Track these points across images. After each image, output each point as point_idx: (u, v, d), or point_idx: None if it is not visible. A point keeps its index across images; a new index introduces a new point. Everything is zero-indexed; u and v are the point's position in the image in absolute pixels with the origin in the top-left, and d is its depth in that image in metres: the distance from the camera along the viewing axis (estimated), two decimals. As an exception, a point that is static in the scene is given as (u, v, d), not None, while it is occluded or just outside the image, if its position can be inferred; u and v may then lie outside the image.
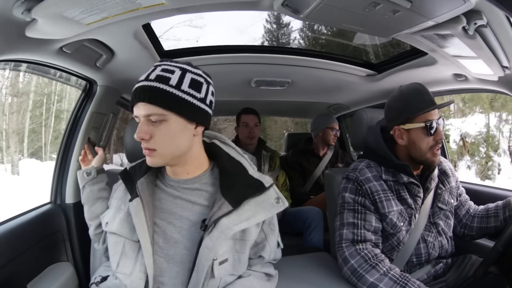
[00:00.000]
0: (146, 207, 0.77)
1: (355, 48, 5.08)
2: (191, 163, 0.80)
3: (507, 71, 1.05)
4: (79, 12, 0.79)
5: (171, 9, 0.89)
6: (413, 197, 1.03)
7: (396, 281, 0.89)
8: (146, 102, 0.70)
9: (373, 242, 1.00)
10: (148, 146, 0.72)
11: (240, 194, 0.75)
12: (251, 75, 1.64)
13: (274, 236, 0.86)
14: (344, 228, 1.02)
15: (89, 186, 0.99)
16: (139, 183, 0.80)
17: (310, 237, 1.66)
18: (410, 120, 0.99)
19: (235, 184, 0.77)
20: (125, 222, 0.80)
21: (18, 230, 1.04)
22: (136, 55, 1.20)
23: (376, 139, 1.08)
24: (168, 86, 0.71)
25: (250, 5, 0.95)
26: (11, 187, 5.57)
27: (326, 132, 2.13)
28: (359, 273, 0.94)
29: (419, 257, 1.04)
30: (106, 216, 0.87)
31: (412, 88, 1.01)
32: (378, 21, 0.91)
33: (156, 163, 0.75)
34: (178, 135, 0.73)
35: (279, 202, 0.78)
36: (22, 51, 0.92)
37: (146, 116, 0.71)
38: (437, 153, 1.00)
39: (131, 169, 0.87)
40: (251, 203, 0.75)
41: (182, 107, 0.72)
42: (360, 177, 1.04)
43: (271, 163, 2.00)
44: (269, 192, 0.78)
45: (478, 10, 0.80)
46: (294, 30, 10.86)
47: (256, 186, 0.78)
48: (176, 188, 0.80)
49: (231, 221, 0.72)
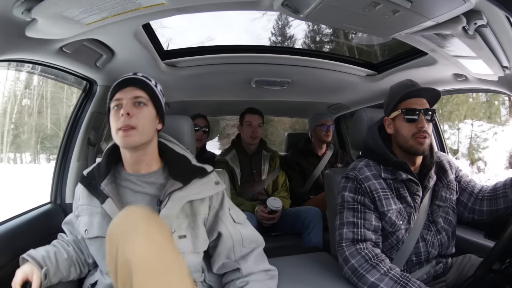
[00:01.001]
0: (119, 204, 0.84)
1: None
2: (150, 155, 0.91)
3: (507, 71, 1.05)
4: (79, 12, 0.79)
5: (171, 9, 0.89)
6: (412, 196, 1.04)
7: (397, 281, 0.89)
8: (136, 87, 0.87)
9: (373, 242, 1.00)
10: (130, 123, 0.83)
11: (188, 176, 0.89)
12: (251, 75, 1.64)
13: (226, 214, 0.94)
14: (344, 228, 1.02)
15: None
16: (103, 185, 0.87)
17: (309, 237, 1.65)
18: (394, 109, 1.07)
19: (183, 171, 0.90)
20: (104, 224, 0.85)
21: (18, 230, 1.04)
22: (136, 55, 1.20)
23: (374, 138, 1.10)
24: (151, 82, 0.92)
25: (250, 5, 0.95)
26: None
27: (317, 130, 2.14)
28: (359, 273, 0.94)
29: (419, 256, 1.04)
30: (81, 224, 0.90)
31: (400, 82, 1.12)
32: (378, 21, 0.91)
33: (132, 142, 0.84)
34: (150, 122, 0.88)
35: (218, 184, 0.93)
36: (22, 51, 0.92)
37: (134, 97, 0.86)
38: (421, 141, 1.01)
39: (89, 174, 0.94)
40: (197, 183, 0.89)
41: (157, 101, 0.91)
42: (359, 176, 1.05)
43: (271, 163, 2.01)
44: (211, 176, 0.93)
45: (478, 10, 0.81)
46: (299, 39, 10.93)
47: (200, 171, 0.92)
48: (135, 182, 0.89)
49: (182, 193, 0.85)
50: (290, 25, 11.22)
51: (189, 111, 2.21)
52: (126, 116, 0.83)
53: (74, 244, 0.95)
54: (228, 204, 0.96)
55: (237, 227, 0.94)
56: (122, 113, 0.83)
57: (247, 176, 1.93)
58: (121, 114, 0.83)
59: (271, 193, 1.95)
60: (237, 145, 2.00)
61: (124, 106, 0.85)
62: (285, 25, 11.38)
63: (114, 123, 0.85)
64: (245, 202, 1.80)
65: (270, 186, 1.98)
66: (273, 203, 1.69)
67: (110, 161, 0.93)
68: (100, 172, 0.90)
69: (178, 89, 1.77)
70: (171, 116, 1.06)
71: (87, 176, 0.94)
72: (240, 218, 0.97)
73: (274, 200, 1.71)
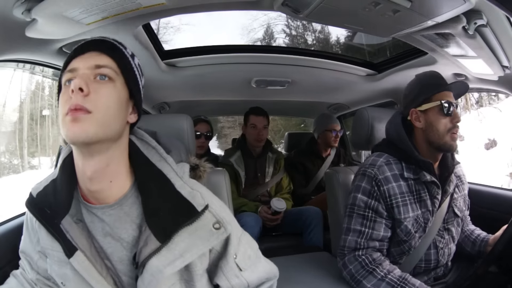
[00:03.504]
0: (92, 257, 0.59)
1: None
2: (116, 164, 0.59)
3: (507, 70, 1.05)
4: (79, 12, 0.79)
5: (171, 8, 0.89)
6: (432, 199, 0.98)
7: (394, 285, 0.88)
8: (100, 52, 0.58)
9: (376, 248, 0.97)
10: (84, 104, 0.52)
11: (167, 223, 0.58)
12: (251, 74, 1.64)
13: (230, 264, 0.64)
14: (350, 235, 0.98)
15: None
16: (66, 225, 0.59)
17: (310, 237, 1.66)
18: (426, 100, 0.97)
19: (159, 208, 0.59)
20: (80, 279, 0.60)
21: (18, 230, 1.04)
22: (136, 55, 1.20)
23: (398, 131, 1.00)
24: (125, 50, 0.62)
25: (250, 4, 0.95)
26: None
27: (325, 135, 2.09)
28: (356, 278, 0.93)
29: (428, 263, 1.00)
30: (53, 273, 0.64)
31: (428, 73, 1.02)
32: (378, 21, 0.91)
33: (83, 133, 0.52)
34: (117, 107, 0.57)
35: (219, 228, 0.59)
36: (22, 51, 0.92)
37: (96, 67, 0.56)
38: (455, 137, 0.95)
39: (41, 199, 0.62)
40: (183, 234, 0.57)
41: (132, 77, 0.61)
42: (379, 176, 0.96)
43: (276, 165, 1.97)
44: (204, 216, 0.58)
45: (478, 9, 0.81)
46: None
47: (186, 209, 0.58)
48: (101, 218, 0.60)
49: (162, 261, 0.56)
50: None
51: (189, 111, 2.20)
52: (77, 92, 0.53)
53: (38, 283, 0.69)
54: (234, 247, 0.64)
55: (244, 275, 0.66)
56: (72, 88, 0.53)
57: (251, 179, 1.90)
58: (71, 91, 0.53)
59: (274, 196, 1.92)
60: (242, 146, 1.94)
61: (77, 77, 0.54)
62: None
63: (62, 106, 0.54)
64: (248, 203, 1.78)
65: (273, 189, 1.96)
66: (277, 204, 1.67)
67: (72, 182, 0.61)
68: (58, 199, 0.60)
69: (178, 89, 1.76)
70: (169, 115, 1.05)
71: (38, 199, 0.62)
72: (248, 261, 0.67)
73: (278, 201, 1.69)
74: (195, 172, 0.74)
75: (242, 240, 0.67)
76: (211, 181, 1.07)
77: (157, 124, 1.02)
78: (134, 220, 0.61)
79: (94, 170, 0.57)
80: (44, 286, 0.69)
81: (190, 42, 9.69)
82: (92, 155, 0.56)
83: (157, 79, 1.50)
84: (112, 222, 0.60)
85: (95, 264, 0.59)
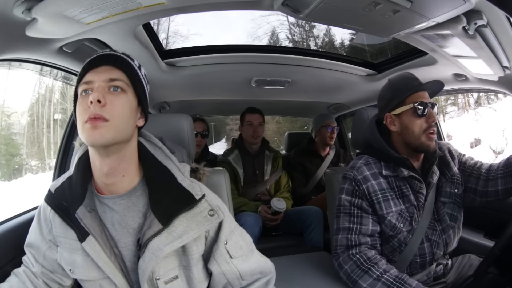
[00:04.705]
0: (102, 242, 0.68)
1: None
2: (128, 161, 0.70)
3: (507, 71, 1.05)
4: (79, 12, 0.79)
5: (171, 8, 0.89)
6: (415, 194, 0.99)
7: (390, 285, 0.88)
8: (113, 66, 0.66)
9: (369, 244, 0.98)
10: (102, 114, 0.62)
11: (170, 209, 0.68)
12: (251, 74, 1.64)
13: (220, 249, 0.73)
14: (340, 234, 1.00)
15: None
16: (80, 214, 0.68)
17: (310, 237, 1.66)
18: (399, 104, 0.99)
19: (163, 197, 0.69)
20: (89, 264, 0.69)
21: (19, 230, 1.04)
22: (136, 54, 1.19)
23: (373, 133, 1.04)
24: (133, 63, 0.71)
25: (250, 4, 0.95)
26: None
27: (321, 131, 2.13)
28: (352, 278, 0.93)
29: (423, 258, 1.00)
30: (62, 261, 0.73)
31: (400, 76, 1.05)
32: (378, 21, 0.91)
33: (102, 137, 0.62)
34: (129, 114, 0.67)
35: (213, 215, 0.70)
36: (23, 51, 0.92)
37: (110, 80, 0.65)
38: (432, 137, 0.96)
39: (59, 192, 0.73)
40: (182, 219, 0.68)
41: (140, 87, 0.70)
42: (357, 176, 1.00)
43: (274, 163, 2.00)
44: (201, 204, 0.70)
45: (478, 10, 0.81)
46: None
47: (186, 198, 0.70)
48: (112, 208, 0.70)
49: (162, 241, 0.66)
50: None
51: (189, 110, 2.21)
52: (96, 104, 0.62)
53: (43, 276, 0.75)
54: (225, 234, 0.73)
55: (234, 262, 0.74)
56: (91, 99, 0.61)
57: (250, 177, 1.92)
58: (90, 102, 0.62)
59: (273, 194, 1.94)
60: (239, 145, 1.99)
61: (94, 90, 0.63)
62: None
63: (80, 115, 0.64)
64: (248, 202, 1.79)
65: (273, 187, 1.97)
66: (277, 204, 1.68)
67: (86, 177, 0.71)
68: (73, 193, 0.70)
69: (178, 88, 1.77)
70: (169, 114, 1.05)
71: (56, 194, 0.73)
72: (239, 250, 0.75)
73: (278, 201, 1.70)
74: (195, 174, 0.82)
75: (235, 231, 0.76)
76: (211, 181, 1.07)
77: (157, 123, 1.01)
78: (141, 209, 0.70)
79: (110, 167, 0.67)
80: (48, 280, 0.76)
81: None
82: (108, 155, 0.66)
83: (157, 79, 1.50)
84: (122, 211, 0.70)
85: (104, 249, 0.68)
